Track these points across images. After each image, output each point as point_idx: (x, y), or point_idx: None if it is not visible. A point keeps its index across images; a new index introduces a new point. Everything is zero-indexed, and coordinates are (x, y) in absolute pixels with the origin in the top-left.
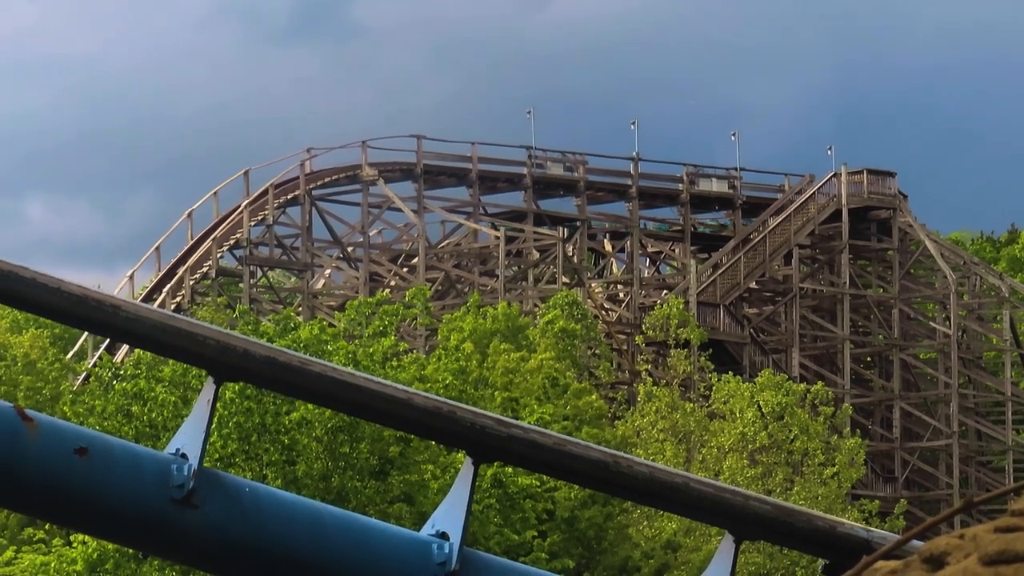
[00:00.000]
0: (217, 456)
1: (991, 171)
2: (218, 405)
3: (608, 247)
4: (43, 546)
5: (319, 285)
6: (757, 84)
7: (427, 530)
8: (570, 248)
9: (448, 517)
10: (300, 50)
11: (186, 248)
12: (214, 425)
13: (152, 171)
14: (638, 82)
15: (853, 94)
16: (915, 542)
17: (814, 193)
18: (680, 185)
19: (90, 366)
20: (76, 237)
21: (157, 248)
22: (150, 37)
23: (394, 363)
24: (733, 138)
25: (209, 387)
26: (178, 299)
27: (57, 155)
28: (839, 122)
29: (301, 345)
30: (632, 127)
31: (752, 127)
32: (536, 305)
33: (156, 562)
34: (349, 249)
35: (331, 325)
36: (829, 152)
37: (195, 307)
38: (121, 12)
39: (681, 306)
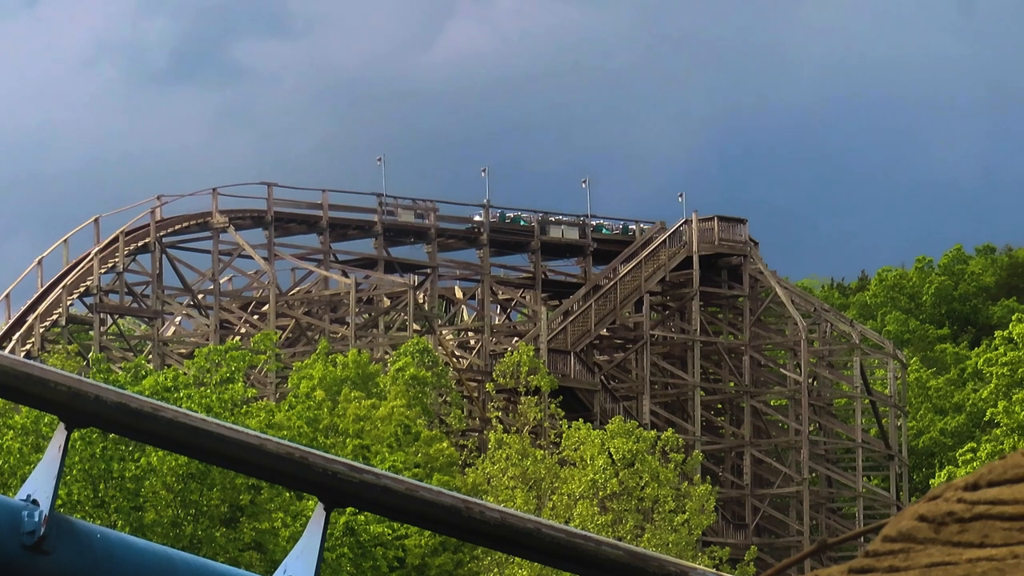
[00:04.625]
0: (61, 503)
1: (845, 217)
2: None
3: (459, 294)
4: None
5: (169, 332)
6: (633, 126)
7: None
8: (421, 295)
9: (300, 563)
10: (181, 91)
11: (36, 296)
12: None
13: (30, 215)
14: (511, 124)
15: (726, 139)
16: None
17: (665, 240)
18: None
19: None
20: None
21: (7, 296)
22: (32, 77)
23: (243, 410)
24: (584, 186)
25: (60, 433)
26: (28, 347)
27: None
28: (713, 165)
29: (147, 394)
30: (483, 175)
31: (627, 170)
32: (387, 352)
33: None
34: (200, 296)
35: (185, 373)
36: (680, 199)
37: (45, 355)
38: (2, 52)
39: (532, 353)
